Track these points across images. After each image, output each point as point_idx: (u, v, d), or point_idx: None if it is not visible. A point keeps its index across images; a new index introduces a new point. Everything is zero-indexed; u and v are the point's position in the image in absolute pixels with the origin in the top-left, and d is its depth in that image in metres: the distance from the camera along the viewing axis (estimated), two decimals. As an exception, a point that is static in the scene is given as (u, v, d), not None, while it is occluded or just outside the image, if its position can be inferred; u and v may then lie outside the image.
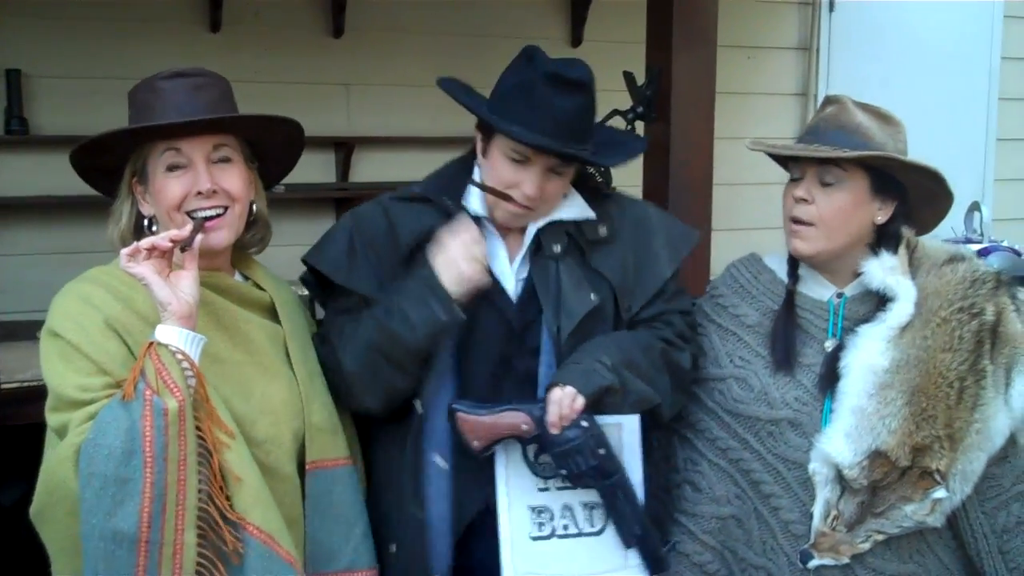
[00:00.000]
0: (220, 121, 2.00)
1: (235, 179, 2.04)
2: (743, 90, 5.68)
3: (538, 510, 2.13)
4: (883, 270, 2.21)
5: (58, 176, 4.18)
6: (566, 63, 2.10)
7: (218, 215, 2.01)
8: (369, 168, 5.10)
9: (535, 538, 2.11)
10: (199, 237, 1.92)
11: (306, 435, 2.08)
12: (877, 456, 2.13)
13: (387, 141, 4.95)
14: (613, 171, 3.73)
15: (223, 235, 2.03)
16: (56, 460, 1.87)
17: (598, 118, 3.58)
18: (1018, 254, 4.13)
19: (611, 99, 3.63)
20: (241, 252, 2.20)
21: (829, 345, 2.26)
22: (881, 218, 2.25)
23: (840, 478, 2.17)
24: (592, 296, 2.19)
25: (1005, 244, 4.18)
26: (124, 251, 1.86)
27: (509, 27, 5.10)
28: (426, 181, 2.30)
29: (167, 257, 1.89)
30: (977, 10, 6.23)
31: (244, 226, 2.11)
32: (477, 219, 2.20)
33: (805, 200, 2.22)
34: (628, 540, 2.11)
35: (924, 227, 2.34)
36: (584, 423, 2.05)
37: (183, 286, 1.88)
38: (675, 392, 2.26)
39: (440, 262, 2.08)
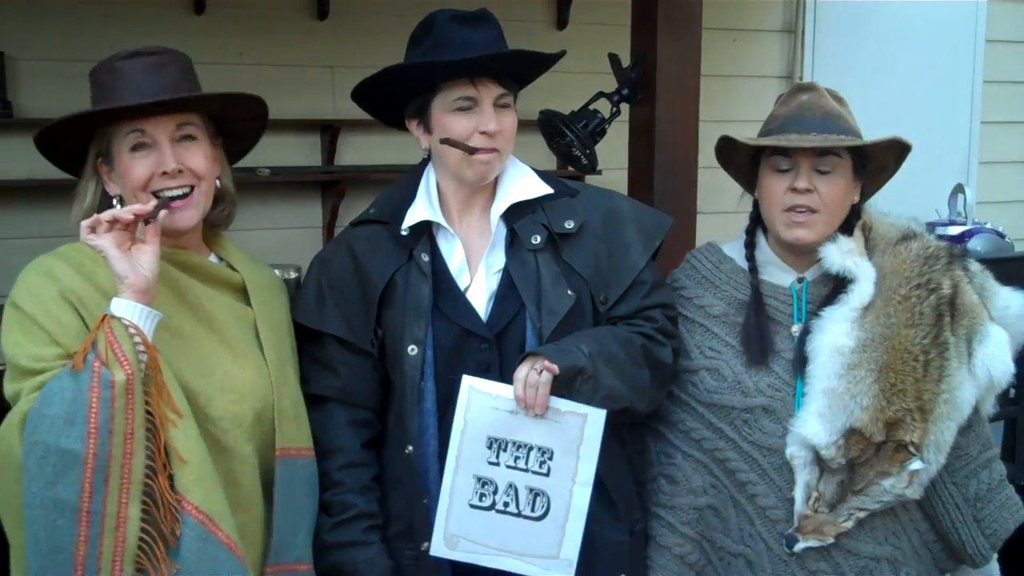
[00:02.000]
0: (182, 100, 2.00)
1: (200, 157, 2.05)
2: (728, 73, 5.67)
3: (483, 481, 2.12)
4: (840, 254, 2.25)
5: (43, 159, 4.15)
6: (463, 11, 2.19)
7: (184, 195, 2.03)
8: (355, 151, 5.09)
9: (473, 506, 2.12)
10: (163, 213, 1.93)
11: (276, 420, 2.09)
12: (852, 434, 2.18)
13: (373, 124, 4.73)
14: (598, 154, 3.75)
15: (189, 214, 2.05)
16: (5, 428, 1.88)
17: (582, 100, 3.64)
18: (1001, 236, 4.15)
19: (596, 81, 3.64)
20: (213, 232, 2.21)
21: (796, 330, 2.30)
22: (856, 198, 2.32)
23: (818, 460, 2.20)
24: (569, 292, 2.19)
25: (988, 226, 4.19)
26: (84, 222, 1.88)
27: (494, 9, 4.95)
28: (379, 200, 2.33)
29: (129, 230, 1.90)
30: (962, -8, 6.22)
31: (211, 203, 2.12)
32: (429, 224, 2.23)
33: (808, 190, 2.23)
34: None
35: (867, 196, 2.39)
36: None
37: (143, 260, 1.89)
38: (655, 387, 2.26)
39: None
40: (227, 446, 2.01)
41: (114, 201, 2.05)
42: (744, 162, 2.40)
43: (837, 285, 2.28)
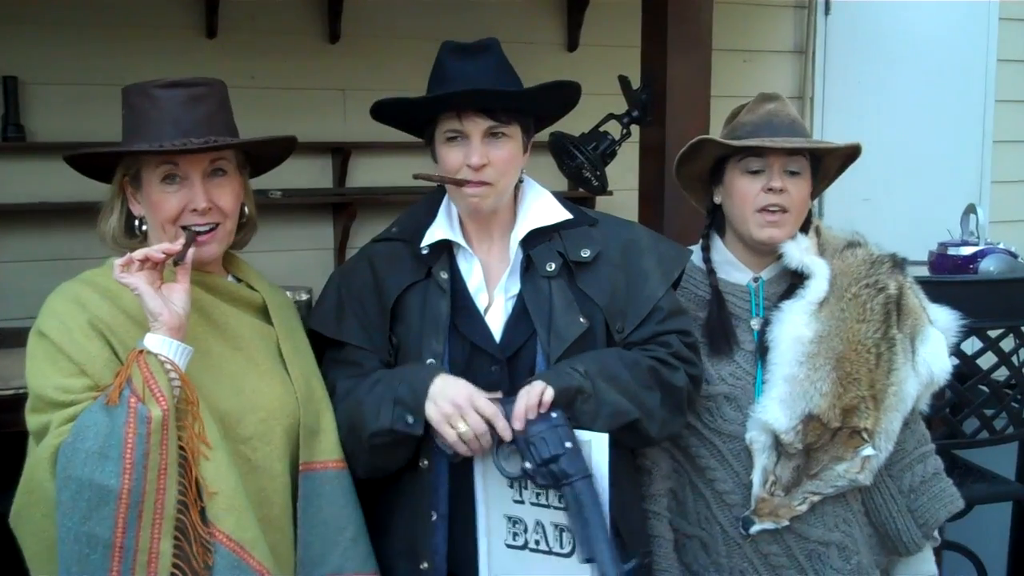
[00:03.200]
0: (223, 141, 2.02)
1: (229, 195, 2.06)
2: (739, 93, 5.57)
3: (513, 520, 2.10)
4: (799, 250, 2.40)
5: (56, 183, 4.18)
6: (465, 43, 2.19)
7: (210, 230, 2.04)
8: (366, 173, 5.10)
9: (509, 546, 2.10)
10: (191, 251, 1.94)
11: (301, 435, 2.09)
12: (810, 419, 2.30)
13: (384, 146, 4.92)
14: (609, 176, 3.74)
15: (213, 249, 2.07)
16: (34, 462, 1.87)
17: (592, 122, 3.64)
18: (1014, 256, 4.11)
19: (607, 103, 3.63)
20: (231, 255, 2.22)
21: (755, 324, 2.43)
22: (810, 202, 2.48)
23: (776, 444, 2.32)
24: (581, 319, 2.18)
25: (1001, 246, 4.15)
26: (117, 261, 1.88)
27: (505, 32, 4.92)
28: (401, 219, 2.33)
29: (159, 268, 1.90)
30: (973, 12, 6.21)
31: (234, 234, 2.14)
32: (447, 243, 2.23)
33: (782, 189, 2.36)
34: (585, 552, 2.02)
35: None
36: (554, 415, 2.02)
37: (174, 298, 1.90)
38: (667, 410, 2.21)
39: (442, 408, 2.02)
40: (258, 464, 2.01)
41: (136, 222, 2.07)
42: (703, 170, 2.51)
43: (793, 282, 2.42)
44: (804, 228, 2.44)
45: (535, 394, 2.02)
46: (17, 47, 4.45)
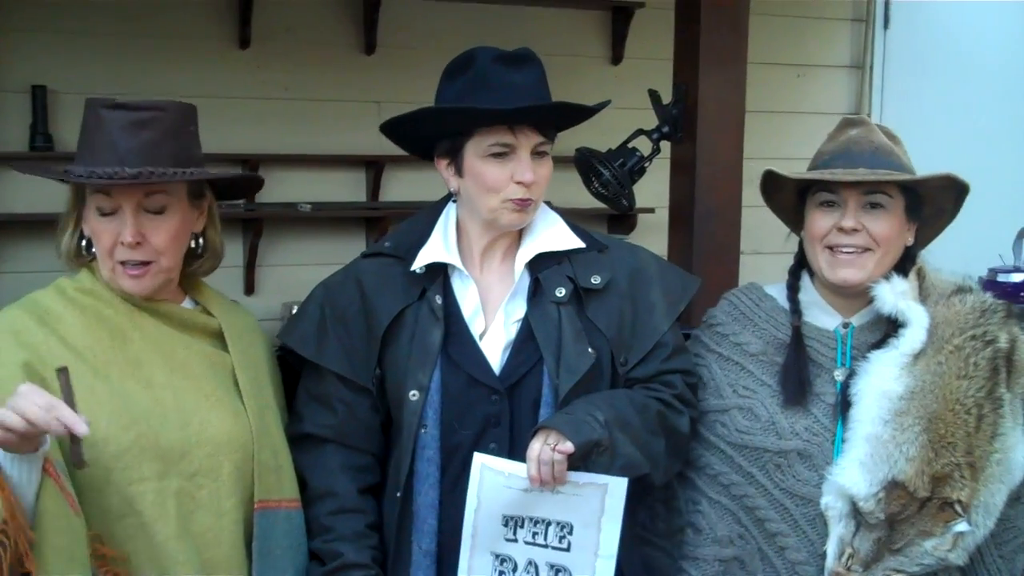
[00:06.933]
0: (149, 175, 1.89)
1: (162, 233, 1.94)
2: (792, 109, 5.54)
3: (501, 558, 2.02)
4: (894, 294, 2.14)
5: None
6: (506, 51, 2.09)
7: (140, 263, 1.94)
8: (399, 187, 5.04)
9: None
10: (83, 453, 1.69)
11: (255, 472, 1.99)
12: (894, 487, 2.06)
13: (419, 160, 4.80)
14: (644, 194, 3.62)
15: (144, 284, 1.96)
16: None
17: (623, 135, 3.51)
18: (1072, 284, 3.91)
19: (650, 118, 3.51)
20: (191, 277, 2.13)
21: (839, 375, 2.18)
22: (910, 240, 2.21)
23: (855, 512, 2.08)
24: (590, 351, 2.09)
25: (1059, 273, 3.97)
26: None
27: (546, 45, 4.86)
28: (395, 234, 2.24)
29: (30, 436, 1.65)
30: (1040, 28, 6.04)
31: (179, 267, 2.03)
32: (443, 266, 2.13)
33: (856, 229, 2.13)
34: None
35: (924, 243, 2.30)
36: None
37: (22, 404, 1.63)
38: (670, 457, 2.14)
39: None
40: (202, 503, 1.92)
41: (83, 243, 1.99)
42: (790, 201, 2.30)
43: (888, 331, 2.17)
44: (904, 269, 2.20)
45: (550, 450, 1.92)
46: (45, 56, 4.43)
